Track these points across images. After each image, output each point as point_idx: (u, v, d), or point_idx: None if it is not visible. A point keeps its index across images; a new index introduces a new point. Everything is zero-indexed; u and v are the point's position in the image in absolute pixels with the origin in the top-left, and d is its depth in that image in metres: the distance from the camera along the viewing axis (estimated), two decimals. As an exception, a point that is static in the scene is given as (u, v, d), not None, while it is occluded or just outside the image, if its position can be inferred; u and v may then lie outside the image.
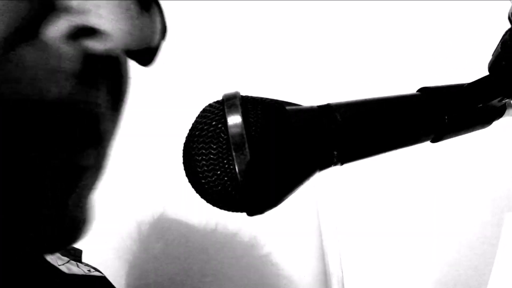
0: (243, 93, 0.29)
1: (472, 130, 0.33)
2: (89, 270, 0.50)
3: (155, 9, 0.32)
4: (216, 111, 0.28)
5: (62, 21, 0.23)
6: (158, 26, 0.31)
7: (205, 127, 0.28)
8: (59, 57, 0.24)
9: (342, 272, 0.89)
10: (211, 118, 0.28)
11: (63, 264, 0.46)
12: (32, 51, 0.23)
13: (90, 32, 0.24)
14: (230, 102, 0.28)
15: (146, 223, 0.85)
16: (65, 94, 0.24)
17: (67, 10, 0.24)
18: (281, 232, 0.89)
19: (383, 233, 0.87)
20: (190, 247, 0.89)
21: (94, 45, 0.25)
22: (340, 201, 0.91)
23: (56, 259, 0.46)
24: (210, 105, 0.29)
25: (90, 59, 0.25)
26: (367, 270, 0.88)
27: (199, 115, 0.29)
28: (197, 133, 0.28)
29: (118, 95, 0.30)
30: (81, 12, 0.23)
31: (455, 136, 0.32)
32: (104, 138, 0.29)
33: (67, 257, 0.49)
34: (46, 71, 0.23)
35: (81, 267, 0.50)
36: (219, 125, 0.28)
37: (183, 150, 0.29)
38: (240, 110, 0.27)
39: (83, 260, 0.55)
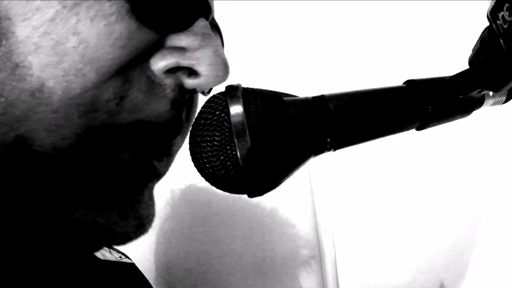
0: (244, 86, 0.31)
1: (454, 119, 0.35)
2: (120, 257, 0.52)
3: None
4: (219, 102, 0.30)
5: (169, 57, 0.28)
6: None
7: (210, 116, 0.30)
8: (163, 86, 0.29)
9: (335, 251, 0.92)
10: (215, 108, 0.30)
11: (98, 251, 0.48)
12: (144, 78, 0.28)
13: (187, 69, 0.30)
14: (233, 93, 0.30)
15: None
16: (163, 113, 0.29)
17: (173, 49, 0.29)
18: (278, 213, 0.92)
19: (374, 214, 0.90)
20: (195, 227, 0.92)
21: (187, 81, 0.30)
22: (333, 183, 0.94)
23: None
24: (214, 96, 0.31)
25: (182, 90, 0.31)
26: (358, 249, 0.92)
27: (204, 105, 0.31)
28: (202, 121, 0.30)
29: (189, 118, 0.35)
30: (183, 52, 0.29)
31: (438, 125, 0.34)
32: (175, 146, 0.34)
33: (101, 243, 0.51)
34: (153, 95, 0.28)
35: (113, 253, 0.51)
36: (222, 115, 0.29)
37: (190, 137, 0.31)
38: (241, 101, 0.29)
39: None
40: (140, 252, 0.89)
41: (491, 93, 0.34)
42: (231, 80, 0.32)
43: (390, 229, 0.89)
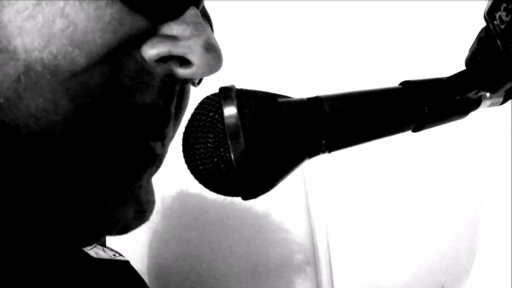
0: (238, 87, 0.31)
1: (451, 121, 0.34)
2: (114, 255, 0.52)
3: None
4: (213, 103, 0.30)
5: (160, 46, 0.27)
6: None
7: (203, 118, 0.29)
8: (152, 74, 0.28)
9: (329, 255, 0.92)
10: (208, 109, 0.30)
11: (91, 249, 0.48)
12: (133, 64, 0.27)
13: (178, 59, 0.29)
14: (226, 94, 0.29)
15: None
16: (152, 100, 0.28)
17: (165, 37, 0.28)
18: (272, 217, 0.92)
19: (370, 218, 0.90)
20: (189, 231, 0.92)
21: (179, 70, 0.29)
22: (328, 186, 0.93)
23: None
24: (207, 97, 0.31)
25: (172, 80, 0.30)
26: (353, 253, 0.91)
27: (197, 106, 0.31)
28: (195, 123, 0.30)
29: (181, 109, 0.34)
30: (175, 41, 0.28)
31: (434, 126, 0.34)
32: (167, 137, 0.33)
33: (94, 242, 0.51)
34: (141, 82, 0.28)
35: (107, 252, 0.51)
36: (216, 116, 0.29)
37: (183, 139, 0.31)
38: (235, 102, 0.29)
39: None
40: (134, 256, 0.88)
41: (488, 94, 0.34)
42: (225, 81, 0.31)
43: (386, 233, 0.89)
